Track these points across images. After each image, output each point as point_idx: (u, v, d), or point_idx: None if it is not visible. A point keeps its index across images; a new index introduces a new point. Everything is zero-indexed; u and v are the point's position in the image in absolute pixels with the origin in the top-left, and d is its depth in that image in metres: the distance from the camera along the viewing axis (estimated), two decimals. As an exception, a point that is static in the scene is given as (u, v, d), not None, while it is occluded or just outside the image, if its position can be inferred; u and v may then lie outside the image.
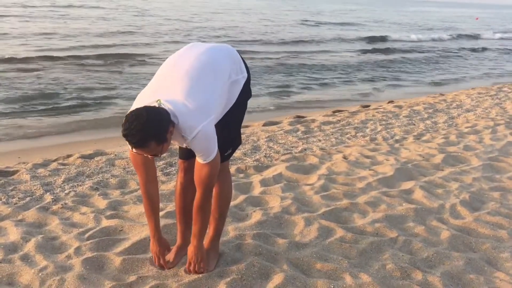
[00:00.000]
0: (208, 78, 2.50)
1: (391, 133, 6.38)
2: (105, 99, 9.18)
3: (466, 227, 3.64)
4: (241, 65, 2.73)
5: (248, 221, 3.54)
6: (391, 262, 3.03)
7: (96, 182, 4.27)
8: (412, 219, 3.68)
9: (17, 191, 4.01)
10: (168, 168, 4.72)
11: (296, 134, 6.20)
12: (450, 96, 9.84)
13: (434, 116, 7.65)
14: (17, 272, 2.80)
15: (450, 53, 21.04)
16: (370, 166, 4.93)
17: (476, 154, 5.45)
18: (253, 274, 2.81)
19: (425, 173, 4.78)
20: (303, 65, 14.76)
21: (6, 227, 3.35)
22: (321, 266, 2.95)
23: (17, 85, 9.91)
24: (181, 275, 2.81)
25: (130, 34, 19.79)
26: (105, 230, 3.34)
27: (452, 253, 3.20)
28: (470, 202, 4.08)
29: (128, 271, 2.85)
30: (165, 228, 3.29)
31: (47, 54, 13.39)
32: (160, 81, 2.53)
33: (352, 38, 24.20)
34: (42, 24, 20.69)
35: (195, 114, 2.35)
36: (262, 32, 23.89)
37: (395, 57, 18.46)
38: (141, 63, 13.48)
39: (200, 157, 2.47)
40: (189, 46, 2.72)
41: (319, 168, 4.81)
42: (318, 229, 3.41)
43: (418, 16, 55.49)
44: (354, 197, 4.07)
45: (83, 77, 11.05)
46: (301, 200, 3.94)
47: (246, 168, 4.74)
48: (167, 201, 3.88)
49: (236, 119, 2.79)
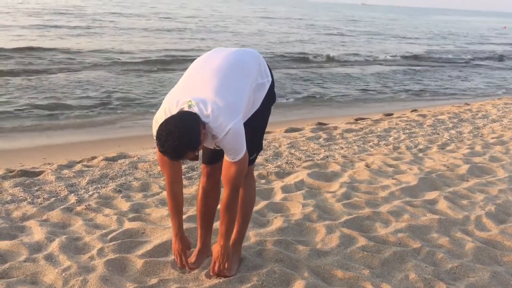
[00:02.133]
0: (236, 77, 2.51)
1: (414, 142, 6.30)
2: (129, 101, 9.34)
3: (491, 239, 3.56)
4: (266, 69, 2.74)
5: (269, 227, 3.53)
6: (414, 273, 2.98)
7: (119, 184, 4.31)
8: (436, 230, 3.62)
9: (42, 191, 4.08)
10: (190, 172, 4.74)
11: (318, 141, 6.17)
12: (475, 106, 9.68)
13: (459, 125, 7.54)
14: (41, 271, 2.84)
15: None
16: (393, 175, 4.88)
17: (502, 166, 5.34)
18: (273, 280, 2.80)
19: (450, 183, 4.70)
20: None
21: (31, 227, 3.41)
22: (342, 275, 2.92)
23: (47, 86, 10.14)
24: (202, 279, 2.81)
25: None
26: (128, 232, 3.36)
27: (477, 266, 3.13)
28: (495, 214, 3.99)
29: (150, 274, 2.86)
30: (186, 232, 3.28)
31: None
32: (189, 81, 2.54)
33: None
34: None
35: (225, 112, 2.36)
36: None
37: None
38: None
39: (229, 155, 2.48)
40: (215, 50, 2.74)
41: (341, 175, 4.77)
42: (339, 237, 3.38)
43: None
44: (377, 206, 4.02)
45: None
46: (323, 208, 3.91)
47: (268, 174, 4.73)
48: (189, 205, 3.90)
49: (261, 123, 2.79)
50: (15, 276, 2.78)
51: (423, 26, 50.10)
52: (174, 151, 2.26)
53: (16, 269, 2.84)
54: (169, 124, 2.27)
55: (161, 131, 2.27)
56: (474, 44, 31.33)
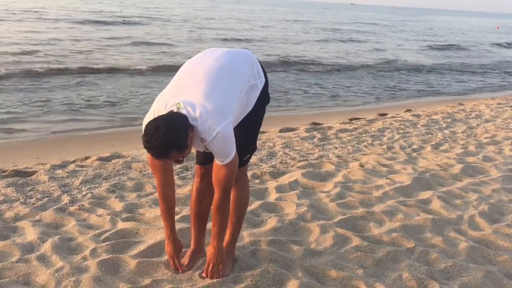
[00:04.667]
0: (227, 80, 2.50)
1: (408, 142, 6.32)
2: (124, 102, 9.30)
3: (484, 239, 3.57)
4: (259, 70, 2.73)
5: (263, 227, 3.52)
6: (408, 272, 2.99)
7: (113, 184, 4.30)
8: (430, 229, 3.63)
9: (35, 191, 4.06)
10: (184, 172, 4.73)
11: (312, 141, 6.17)
12: (469, 106, 9.72)
13: (452, 125, 7.56)
14: (33, 272, 2.82)
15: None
16: (387, 174, 4.88)
17: (495, 165, 5.36)
18: (267, 280, 2.79)
19: (443, 183, 4.71)
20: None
21: (23, 227, 3.38)
22: (336, 275, 2.92)
23: (42, 86, 10.10)
24: (196, 280, 2.80)
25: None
26: (121, 232, 3.35)
27: (470, 265, 3.14)
28: (489, 213, 4.01)
29: (143, 274, 2.85)
30: (180, 232, 3.29)
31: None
32: (178, 83, 2.53)
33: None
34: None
35: (214, 115, 2.35)
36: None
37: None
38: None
39: (218, 158, 2.47)
40: (207, 51, 2.72)
41: (335, 175, 4.78)
42: (333, 237, 3.38)
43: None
44: (371, 205, 4.03)
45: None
46: (317, 208, 3.91)
47: (262, 174, 4.73)
48: (183, 205, 3.89)
49: (255, 124, 2.79)
50: (7, 277, 2.77)
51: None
52: (159, 147, 2.24)
53: (8, 269, 2.82)
54: (157, 121, 2.28)
55: (148, 126, 2.28)
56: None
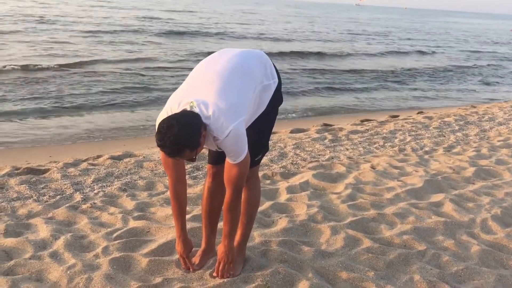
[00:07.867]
0: (240, 79, 2.51)
1: (420, 144, 6.28)
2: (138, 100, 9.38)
3: (497, 242, 3.54)
4: (272, 71, 2.73)
5: (274, 227, 3.52)
6: (419, 275, 2.97)
7: (125, 183, 4.32)
8: (442, 232, 3.60)
9: (48, 189, 4.10)
10: (195, 171, 4.74)
11: (323, 142, 6.16)
12: (482, 109, 9.64)
13: (465, 128, 7.50)
14: (46, 269, 2.85)
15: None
16: (399, 177, 4.86)
17: (508, 169, 5.31)
18: (278, 281, 2.79)
19: (455, 186, 4.68)
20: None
21: (36, 224, 3.42)
22: (346, 276, 2.91)
23: (50, 83, 10.19)
24: (206, 279, 2.81)
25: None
26: (132, 231, 3.37)
27: (482, 269, 3.11)
28: (501, 217, 3.97)
29: (154, 273, 2.87)
30: (191, 231, 3.30)
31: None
32: (192, 83, 2.55)
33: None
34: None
35: (226, 114, 2.36)
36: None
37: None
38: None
39: (230, 157, 2.48)
40: (221, 51, 2.74)
41: (346, 177, 4.76)
42: (344, 239, 3.37)
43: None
44: (382, 207, 4.01)
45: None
46: (328, 209, 3.91)
47: (273, 175, 4.73)
48: (194, 204, 3.90)
49: (267, 124, 2.79)
50: (20, 273, 2.80)
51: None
52: (172, 145, 2.25)
53: (21, 266, 2.85)
54: (170, 119, 2.29)
55: (162, 124, 2.29)
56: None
